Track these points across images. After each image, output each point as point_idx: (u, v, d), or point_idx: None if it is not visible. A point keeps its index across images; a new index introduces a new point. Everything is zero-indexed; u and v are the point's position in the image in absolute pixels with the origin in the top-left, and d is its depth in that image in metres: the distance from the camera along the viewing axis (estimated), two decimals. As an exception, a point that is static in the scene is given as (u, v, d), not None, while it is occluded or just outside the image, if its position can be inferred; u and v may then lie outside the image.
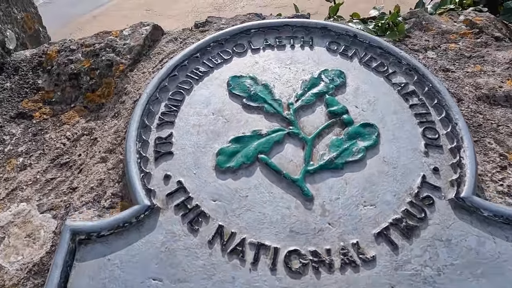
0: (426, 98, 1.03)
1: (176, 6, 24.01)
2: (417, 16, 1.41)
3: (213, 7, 22.81)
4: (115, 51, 1.19)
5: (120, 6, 25.13)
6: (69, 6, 24.31)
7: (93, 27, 19.12)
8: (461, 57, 1.26)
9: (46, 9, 20.72)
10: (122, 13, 23.77)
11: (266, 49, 1.18)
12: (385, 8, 1.66)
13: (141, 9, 24.05)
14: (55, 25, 19.34)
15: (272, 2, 22.27)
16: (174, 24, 18.36)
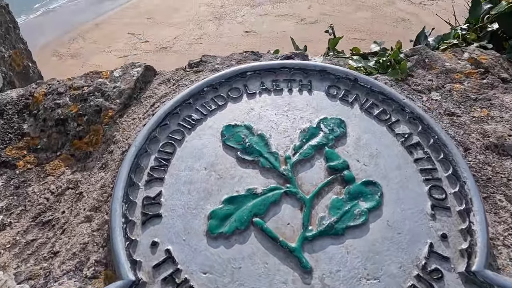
0: (431, 151, 0.97)
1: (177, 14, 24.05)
2: (419, 53, 1.36)
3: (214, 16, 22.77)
4: (104, 95, 1.13)
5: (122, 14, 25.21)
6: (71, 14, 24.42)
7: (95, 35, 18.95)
8: (467, 100, 1.21)
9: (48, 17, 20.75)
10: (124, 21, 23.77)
11: (263, 93, 1.13)
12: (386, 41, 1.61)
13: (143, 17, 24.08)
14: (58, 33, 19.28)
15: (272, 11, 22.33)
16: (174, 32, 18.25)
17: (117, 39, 26.97)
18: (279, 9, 30.79)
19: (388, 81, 1.29)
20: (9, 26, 1.26)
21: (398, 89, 1.25)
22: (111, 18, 30.65)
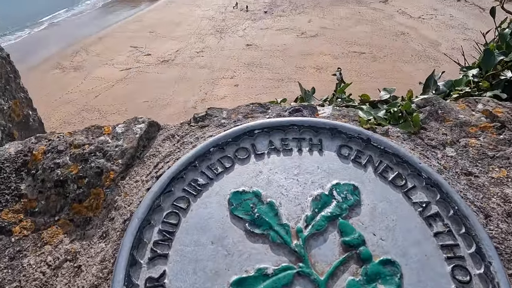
0: (452, 224, 0.92)
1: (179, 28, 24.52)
2: (432, 104, 1.32)
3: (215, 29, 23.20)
4: (105, 155, 1.08)
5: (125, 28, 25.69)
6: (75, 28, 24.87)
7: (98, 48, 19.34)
8: (484, 157, 1.16)
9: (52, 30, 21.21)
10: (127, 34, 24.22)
11: (271, 154, 1.08)
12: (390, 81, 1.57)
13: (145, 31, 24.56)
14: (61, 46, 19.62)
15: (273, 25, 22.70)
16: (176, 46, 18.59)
17: (120, 52, 27.42)
18: (280, 23, 31.30)
19: (400, 134, 1.24)
20: (10, 76, 1.22)
21: (411, 144, 1.20)
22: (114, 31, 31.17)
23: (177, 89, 22.53)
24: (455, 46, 26.04)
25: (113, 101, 21.56)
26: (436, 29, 29.53)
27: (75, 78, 24.32)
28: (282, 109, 1.26)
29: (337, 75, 1.61)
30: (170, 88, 22.61)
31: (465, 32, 28.20)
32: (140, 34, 32.90)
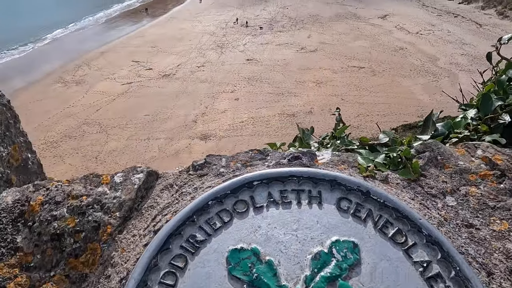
0: (453, 286, 0.90)
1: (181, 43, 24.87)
2: (431, 149, 1.32)
3: (216, 45, 23.57)
4: (103, 208, 1.08)
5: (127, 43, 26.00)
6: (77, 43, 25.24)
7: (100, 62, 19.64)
8: (485, 207, 1.15)
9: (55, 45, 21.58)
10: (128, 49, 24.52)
11: (270, 207, 1.07)
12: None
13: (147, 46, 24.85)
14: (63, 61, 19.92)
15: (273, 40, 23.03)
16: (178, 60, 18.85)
17: (122, 67, 27.68)
18: (280, 38, 31.71)
19: (400, 181, 1.24)
20: (10, 122, 1.23)
21: (411, 192, 1.20)
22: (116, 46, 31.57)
23: (178, 103, 22.69)
24: (453, 61, 26.34)
25: (114, 115, 21.67)
26: (434, 44, 29.92)
27: (76, 92, 24.53)
28: (282, 156, 1.26)
29: (336, 116, 1.61)
30: (171, 102, 22.77)
31: (463, 47, 28.56)
32: (142, 49, 33.34)
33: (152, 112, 21.30)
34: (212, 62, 28.02)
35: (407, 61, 26.59)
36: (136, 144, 18.35)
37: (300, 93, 22.58)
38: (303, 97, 21.87)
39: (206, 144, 18.12)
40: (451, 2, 42.97)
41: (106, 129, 19.89)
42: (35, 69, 28.93)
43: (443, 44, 29.44)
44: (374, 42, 30.55)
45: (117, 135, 19.24)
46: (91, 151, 18.01)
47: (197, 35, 34.98)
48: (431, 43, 29.66)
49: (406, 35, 31.93)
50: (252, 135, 18.58)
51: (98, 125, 20.39)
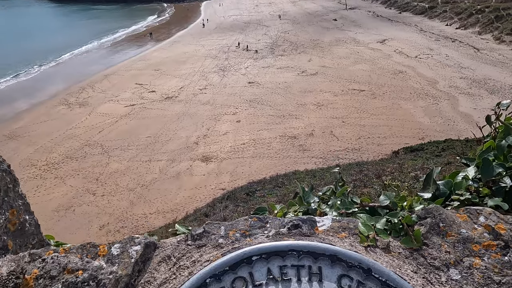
0: None
1: (184, 66, 25.34)
2: (433, 215, 1.30)
3: (218, 68, 23.99)
4: (99, 285, 1.06)
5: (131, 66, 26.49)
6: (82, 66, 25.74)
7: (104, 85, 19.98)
8: (490, 282, 1.12)
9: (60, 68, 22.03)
10: (132, 72, 24.94)
11: (270, 285, 1.04)
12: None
13: (150, 69, 25.28)
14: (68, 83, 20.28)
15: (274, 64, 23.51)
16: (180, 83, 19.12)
17: (125, 89, 28.07)
18: (281, 62, 32.29)
19: (402, 250, 1.22)
20: (9, 187, 1.22)
21: (413, 264, 1.17)
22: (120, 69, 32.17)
23: (180, 125, 22.85)
24: (452, 84, 26.64)
25: (116, 136, 21.80)
26: (433, 67, 30.36)
27: (80, 114, 24.80)
28: (281, 224, 1.25)
29: (336, 175, 1.61)
30: (173, 124, 22.94)
31: (461, 71, 28.96)
32: (146, 72, 33.91)
33: (154, 134, 21.43)
34: (214, 84, 28.43)
35: (407, 84, 26.90)
36: (137, 166, 18.34)
37: (301, 115, 22.74)
38: (304, 119, 22.01)
39: (207, 166, 18.11)
40: (448, 27, 43.95)
41: (108, 151, 19.95)
42: (40, 91, 29.39)
43: (442, 67, 29.88)
44: (373, 66, 31.05)
45: (118, 157, 19.26)
46: (92, 172, 18.00)
47: (200, 59, 35.68)
48: (430, 67, 30.10)
49: (405, 59, 32.47)
50: (253, 157, 18.58)
51: (100, 146, 20.47)
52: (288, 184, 12.67)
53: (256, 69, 31.33)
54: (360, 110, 23.20)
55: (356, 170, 12.29)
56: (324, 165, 16.36)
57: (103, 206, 15.33)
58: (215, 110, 24.28)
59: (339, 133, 20.16)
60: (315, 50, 37.47)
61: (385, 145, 18.66)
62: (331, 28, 48.21)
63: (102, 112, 24.48)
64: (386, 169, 11.63)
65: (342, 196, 1.51)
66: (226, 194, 13.32)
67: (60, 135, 22.09)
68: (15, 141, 21.35)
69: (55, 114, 24.84)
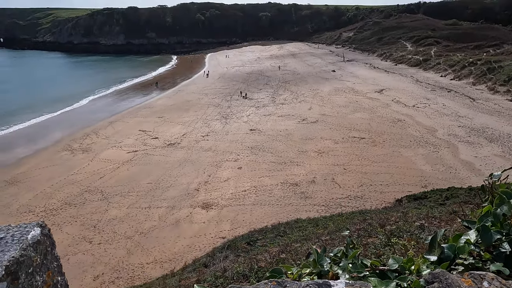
0: None
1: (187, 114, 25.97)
2: (439, 280, 1.29)
3: (221, 115, 24.60)
4: None
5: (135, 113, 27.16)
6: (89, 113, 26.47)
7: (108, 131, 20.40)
8: None
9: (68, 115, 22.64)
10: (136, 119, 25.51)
11: None
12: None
13: (154, 116, 25.92)
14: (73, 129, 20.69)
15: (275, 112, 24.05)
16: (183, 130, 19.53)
17: (129, 136, 28.54)
18: (282, 110, 33.16)
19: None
20: (48, 250, 1.23)
21: (422, 333, 1.15)
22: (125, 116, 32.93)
23: (181, 171, 22.86)
24: (451, 132, 27.06)
25: (117, 182, 21.72)
26: (431, 116, 31.06)
27: (82, 160, 24.97)
28: (294, 287, 1.24)
29: (347, 239, 1.61)
30: (175, 170, 22.97)
31: (459, 120, 29.57)
32: (150, 119, 34.73)
33: (155, 180, 21.36)
34: (217, 131, 28.96)
35: (406, 132, 27.34)
36: (136, 213, 18.04)
37: (302, 162, 22.83)
38: (305, 166, 22.05)
39: (207, 213, 17.81)
40: (443, 78, 45.74)
41: (107, 197, 19.77)
42: (45, 137, 29.91)
43: (439, 116, 30.56)
44: (373, 114, 31.81)
45: (118, 203, 19.02)
46: (90, 219, 17.66)
47: (203, 107, 36.75)
48: (428, 116, 30.80)
49: (403, 108, 33.35)
50: (255, 205, 18.33)
51: (100, 192, 20.31)
52: (290, 233, 12.36)
53: (258, 117, 32.09)
54: (361, 157, 23.34)
55: (360, 218, 12.05)
56: (327, 213, 16.08)
57: (99, 255, 14.84)
58: (217, 157, 24.46)
59: (341, 181, 20.09)
60: (315, 99, 38.66)
61: (387, 192, 18.49)
62: (330, 78, 50.21)
63: (104, 158, 24.65)
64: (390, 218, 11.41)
65: (354, 262, 1.52)
66: (227, 243, 12.93)
67: (60, 180, 22.06)
68: (15, 187, 21.26)
69: (57, 160, 25.02)
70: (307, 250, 5.51)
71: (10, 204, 19.17)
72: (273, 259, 7.12)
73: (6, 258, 0.89)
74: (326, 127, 29.19)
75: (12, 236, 0.99)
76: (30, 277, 1.01)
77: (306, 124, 30.16)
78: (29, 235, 1.03)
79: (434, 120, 29.73)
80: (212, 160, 23.91)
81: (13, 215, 18.09)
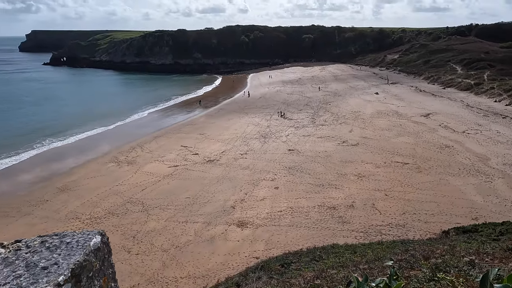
0: None
1: (227, 132, 26.63)
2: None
3: (260, 134, 24.86)
4: None
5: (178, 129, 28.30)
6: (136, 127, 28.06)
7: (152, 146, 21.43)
8: None
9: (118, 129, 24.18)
10: (178, 135, 26.52)
11: None
12: None
13: (196, 133, 26.83)
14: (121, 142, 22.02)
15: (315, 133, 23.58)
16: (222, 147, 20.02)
17: (171, 151, 29.71)
18: (322, 131, 32.83)
19: None
20: (105, 257, 1.34)
21: None
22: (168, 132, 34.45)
23: (218, 188, 23.19)
24: (506, 162, 24.99)
25: (157, 195, 22.50)
26: (482, 143, 28.99)
27: (127, 172, 26.27)
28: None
29: (390, 269, 1.56)
30: (212, 186, 23.35)
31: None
32: (191, 135, 35.93)
33: (193, 195, 21.84)
34: (255, 150, 29.20)
35: (455, 159, 25.71)
36: (173, 226, 18.47)
37: (341, 185, 22.21)
38: (344, 190, 21.42)
39: (242, 231, 17.78)
40: (497, 103, 42.79)
41: (147, 209, 20.50)
42: (95, 149, 32.02)
43: (493, 144, 28.45)
44: (418, 139, 30.37)
45: (157, 216, 19.63)
46: (130, 229, 18.35)
47: (242, 125, 37.41)
48: (479, 143, 28.81)
49: (452, 134, 31.52)
50: (290, 226, 18.02)
51: (141, 204, 21.13)
52: (326, 259, 11.94)
53: (297, 137, 31.96)
54: (405, 183, 22.24)
55: (401, 248, 11.37)
56: (366, 240, 15.38)
57: (136, 265, 15.29)
58: (254, 175, 24.55)
59: (382, 207, 19.20)
60: (357, 121, 37.83)
61: (433, 223, 17.34)
62: (373, 101, 49.03)
63: (147, 171, 25.74)
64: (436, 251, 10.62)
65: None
66: (260, 264, 12.76)
67: (106, 190, 23.28)
68: (66, 194, 22.77)
69: (104, 171, 26.52)
70: (344, 278, 5.29)
71: (59, 210, 20.53)
72: (307, 284, 6.90)
73: (72, 261, 0.99)
74: (367, 151, 28.30)
75: (77, 242, 1.09)
76: (90, 281, 1.10)
77: (347, 147, 29.48)
78: (91, 241, 1.13)
79: (486, 147, 27.71)
80: (249, 178, 24.03)
81: (62, 220, 19.32)
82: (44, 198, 22.10)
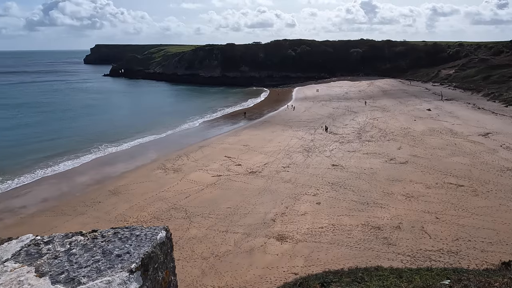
0: None
1: (270, 144, 26.72)
2: None
3: (303, 148, 24.62)
4: None
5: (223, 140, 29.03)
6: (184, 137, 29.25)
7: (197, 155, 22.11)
8: None
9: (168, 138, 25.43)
10: (223, 146, 27.17)
11: None
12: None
13: (239, 144, 27.31)
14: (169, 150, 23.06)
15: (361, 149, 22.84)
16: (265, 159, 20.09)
17: (215, 160, 30.49)
18: (368, 147, 31.78)
19: None
20: (168, 251, 1.46)
21: None
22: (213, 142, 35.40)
23: (259, 199, 23.24)
24: None
25: (200, 203, 23.09)
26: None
27: (173, 179, 27.36)
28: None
29: None
30: (253, 198, 23.46)
31: None
32: (235, 146, 36.62)
33: (234, 206, 22.09)
34: (298, 164, 28.94)
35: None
36: (214, 235, 18.76)
37: (387, 204, 21.18)
38: (390, 210, 20.38)
39: (281, 245, 17.57)
40: None
41: (190, 216, 21.08)
42: (144, 156, 33.87)
43: None
44: (475, 160, 28.16)
45: (198, 223, 20.09)
46: (173, 235, 18.63)
47: (286, 138, 37.36)
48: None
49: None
50: (331, 244, 17.48)
51: (184, 211, 21.80)
52: (369, 281, 11.35)
53: (341, 153, 31.17)
54: (458, 207, 20.65)
55: (454, 278, 10.49)
56: (413, 265, 14.42)
57: (177, 271, 15.68)
58: (296, 189, 24.29)
59: (432, 231, 17.96)
60: (406, 138, 36.06)
61: (490, 252, 15.84)
62: (424, 117, 46.53)
63: (191, 179, 26.58)
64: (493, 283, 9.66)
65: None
66: (299, 280, 12.44)
67: (152, 196, 24.37)
68: (116, 197, 24.18)
69: (152, 176, 27.84)
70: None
71: (110, 212, 21.84)
72: (348, 306, 6.64)
73: (142, 252, 1.10)
74: (417, 170, 26.78)
75: (145, 235, 1.20)
76: (155, 272, 1.20)
77: (394, 164, 28.15)
78: (157, 235, 1.23)
79: (554, 173, 24.91)
80: (291, 192, 23.82)
81: (112, 221, 20.50)
82: (97, 200, 23.69)
